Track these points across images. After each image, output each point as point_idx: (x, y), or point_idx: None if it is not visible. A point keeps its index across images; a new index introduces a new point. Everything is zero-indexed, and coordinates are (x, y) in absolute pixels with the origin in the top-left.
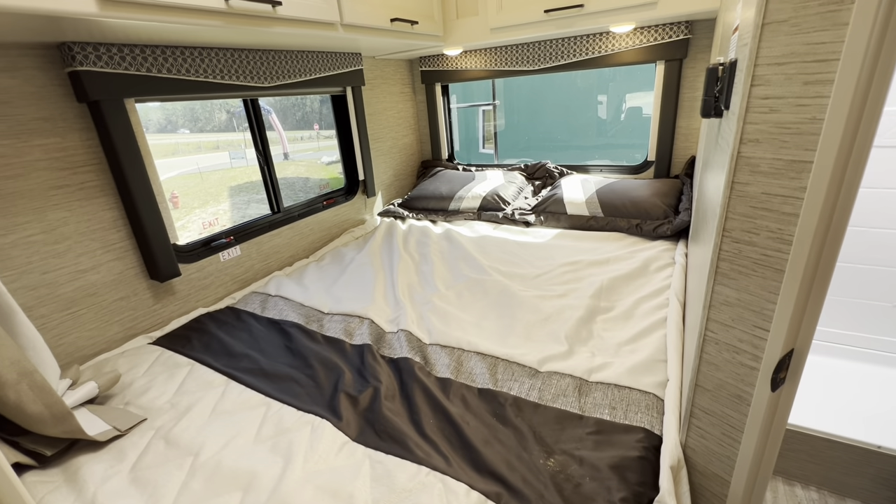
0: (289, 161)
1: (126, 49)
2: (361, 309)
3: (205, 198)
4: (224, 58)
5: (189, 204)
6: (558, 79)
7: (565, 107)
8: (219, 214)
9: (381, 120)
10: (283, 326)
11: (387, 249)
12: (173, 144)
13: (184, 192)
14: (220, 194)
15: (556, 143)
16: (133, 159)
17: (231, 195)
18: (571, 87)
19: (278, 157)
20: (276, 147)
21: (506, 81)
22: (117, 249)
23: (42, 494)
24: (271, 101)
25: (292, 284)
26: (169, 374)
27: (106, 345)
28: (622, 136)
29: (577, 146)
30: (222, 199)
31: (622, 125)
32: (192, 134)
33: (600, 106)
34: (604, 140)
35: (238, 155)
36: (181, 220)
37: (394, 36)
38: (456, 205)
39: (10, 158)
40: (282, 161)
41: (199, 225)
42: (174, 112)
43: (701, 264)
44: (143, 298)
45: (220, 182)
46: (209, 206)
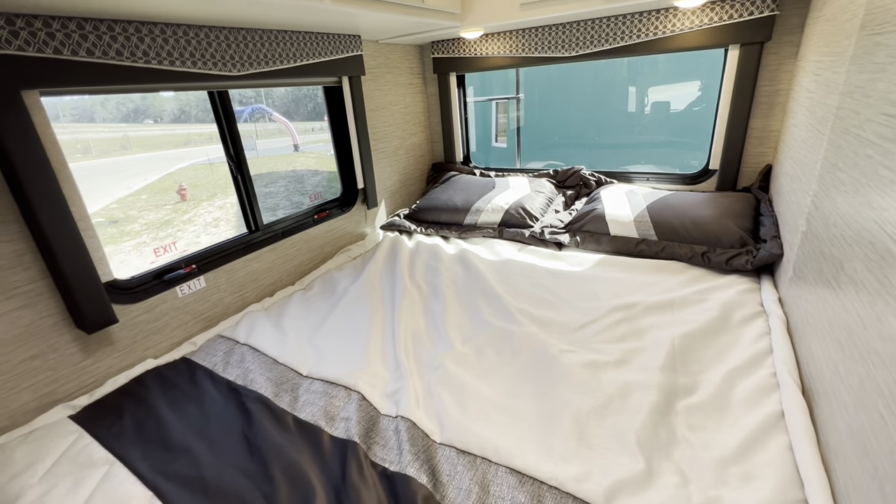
0: (299, 153)
1: (21, 21)
2: (349, 374)
3: (213, 189)
4: (175, 36)
5: (197, 196)
6: (581, 68)
7: (591, 100)
8: (225, 208)
9: (385, 116)
10: (245, 400)
11: (388, 276)
12: (185, 135)
13: (192, 184)
14: (229, 186)
15: (582, 142)
16: (39, 173)
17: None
18: (598, 78)
19: (289, 148)
20: (287, 139)
21: (525, 72)
22: (24, 294)
23: None
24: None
25: (268, 326)
26: (74, 481)
27: (10, 420)
28: (654, 133)
29: (608, 145)
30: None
31: (650, 121)
32: (205, 125)
33: (631, 99)
34: (636, 138)
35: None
36: (188, 214)
37: (398, 11)
38: (473, 219)
39: None
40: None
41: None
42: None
43: (849, 329)
44: (65, 354)
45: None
46: (217, 199)
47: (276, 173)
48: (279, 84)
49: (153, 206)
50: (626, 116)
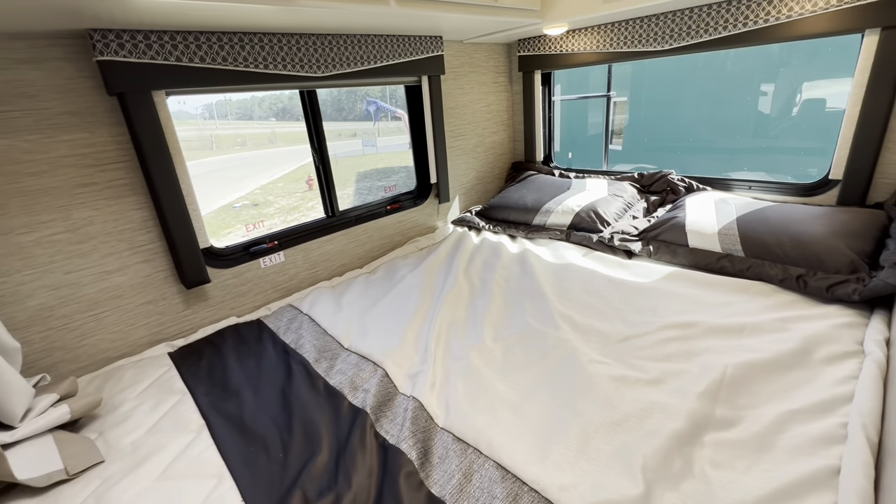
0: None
1: (154, 36)
2: (381, 352)
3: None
4: (269, 44)
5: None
6: (702, 63)
7: (712, 99)
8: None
9: (465, 114)
10: (291, 361)
11: (445, 269)
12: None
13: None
14: (349, 179)
15: (693, 145)
16: (160, 157)
17: (357, 180)
18: (720, 73)
19: (405, 145)
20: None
21: (630, 67)
22: (146, 251)
23: None
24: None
25: (329, 302)
26: (156, 402)
27: (129, 349)
28: (791, 138)
29: (724, 149)
30: (350, 184)
31: (793, 123)
32: (336, 122)
33: (764, 98)
34: (764, 142)
35: (370, 143)
36: (311, 202)
37: (469, 11)
38: (542, 219)
39: (35, 155)
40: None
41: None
42: (324, 102)
43: None
44: (172, 303)
45: (351, 168)
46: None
47: (391, 169)
48: (361, 84)
49: (286, 193)
50: (754, 118)
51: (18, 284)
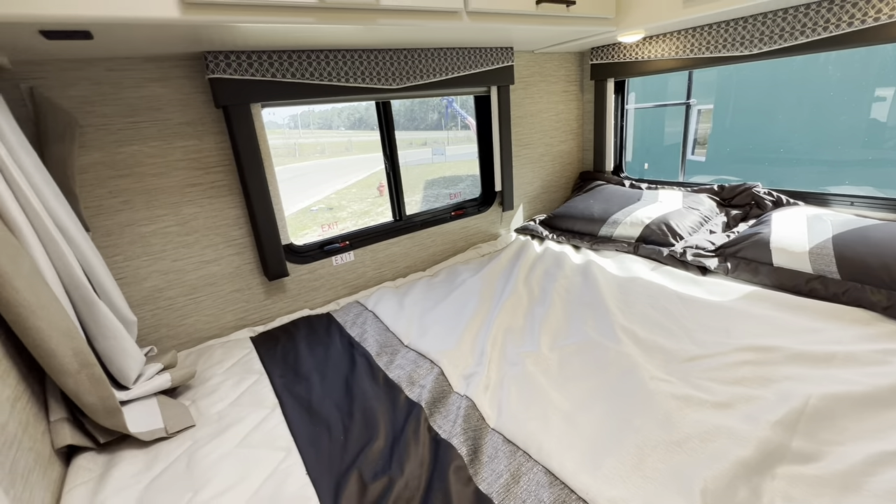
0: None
1: (254, 56)
2: (438, 351)
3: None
4: (351, 60)
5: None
6: (799, 66)
7: (812, 105)
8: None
9: (533, 123)
10: (355, 353)
11: (505, 276)
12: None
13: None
14: (417, 186)
15: (785, 156)
16: (253, 162)
17: (425, 187)
18: (822, 78)
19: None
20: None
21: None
22: (237, 245)
23: (75, 484)
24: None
25: (392, 301)
26: (239, 379)
27: (218, 331)
28: None
29: (823, 161)
30: (418, 190)
31: None
32: (408, 132)
33: (880, 103)
34: (875, 153)
35: (439, 152)
36: (381, 207)
37: (542, 22)
38: (608, 230)
39: (157, 158)
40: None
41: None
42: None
43: None
44: (255, 293)
45: (420, 175)
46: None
47: (458, 177)
48: (432, 94)
49: (358, 198)
50: (865, 126)
51: (138, 268)
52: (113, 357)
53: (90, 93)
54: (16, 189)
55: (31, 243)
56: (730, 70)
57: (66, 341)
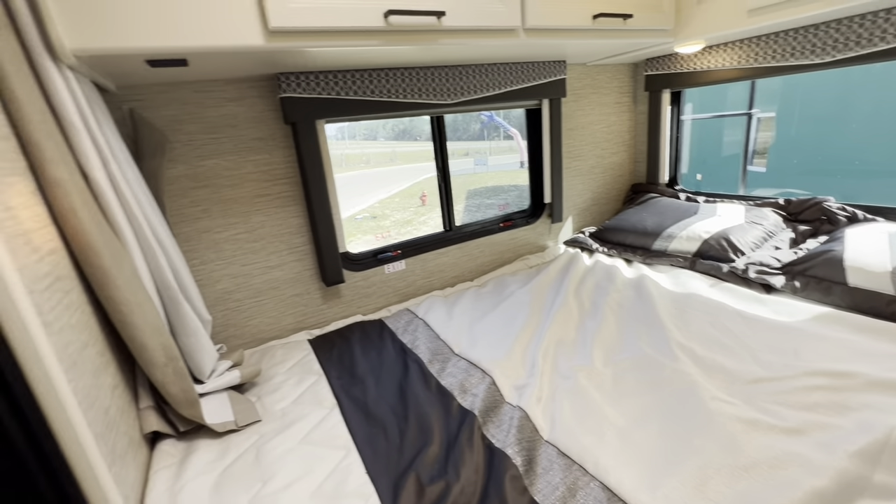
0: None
1: (321, 76)
2: (489, 361)
3: None
4: (409, 77)
5: (433, 202)
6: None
7: (893, 112)
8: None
9: (584, 135)
10: (407, 359)
11: (554, 289)
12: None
13: (432, 192)
14: (459, 196)
15: (861, 168)
16: (317, 174)
17: (468, 197)
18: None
19: (515, 164)
20: (516, 155)
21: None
22: (298, 252)
23: (159, 467)
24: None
25: (441, 309)
26: (300, 379)
27: (279, 332)
28: None
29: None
30: (460, 200)
31: None
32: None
33: None
34: None
35: (481, 162)
36: (424, 216)
37: (598, 36)
38: (663, 244)
39: (232, 171)
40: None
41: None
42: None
43: None
44: (313, 297)
45: (462, 185)
46: None
47: (500, 187)
48: (485, 108)
49: (401, 207)
50: None
51: (211, 271)
52: (192, 353)
53: (179, 112)
54: (122, 198)
55: (131, 246)
56: (796, 77)
57: (157, 337)
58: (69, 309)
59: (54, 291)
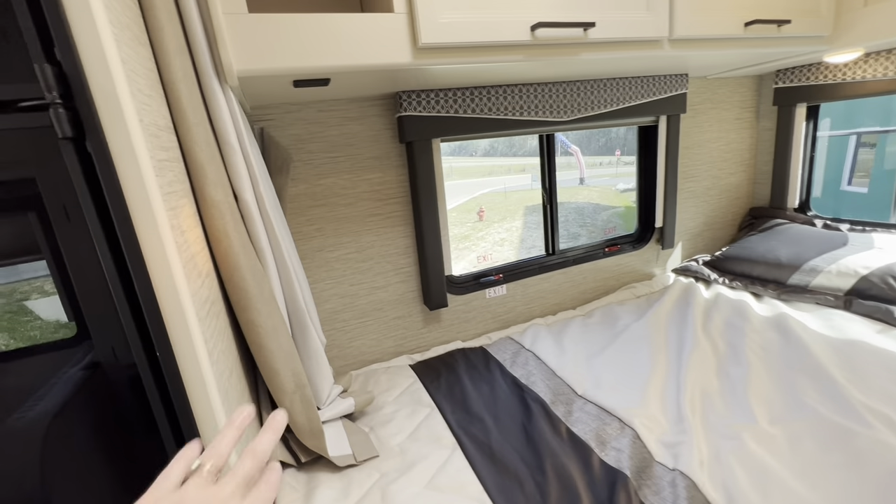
0: (583, 186)
1: (440, 93)
2: (624, 408)
3: (504, 213)
4: (524, 94)
5: (490, 218)
6: None
7: None
8: (511, 230)
9: (700, 154)
10: (526, 397)
11: (676, 323)
12: (489, 167)
13: (489, 208)
14: (517, 212)
15: None
16: (429, 194)
17: (525, 214)
18: None
19: (574, 181)
20: (574, 172)
21: None
22: (403, 273)
23: (285, 500)
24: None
25: (549, 340)
26: (411, 410)
27: (379, 355)
28: None
29: None
30: (518, 216)
31: None
32: (506, 158)
33: None
34: None
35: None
36: (482, 232)
37: (747, 45)
38: (804, 279)
39: (348, 190)
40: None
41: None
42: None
43: None
44: (414, 320)
45: (520, 201)
46: (506, 222)
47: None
48: (599, 126)
49: (458, 222)
50: None
51: (322, 291)
52: (312, 377)
53: (303, 132)
54: (266, 219)
55: (270, 268)
56: None
57: (288, 362)
58: (221, 334)
59: (212, 317)
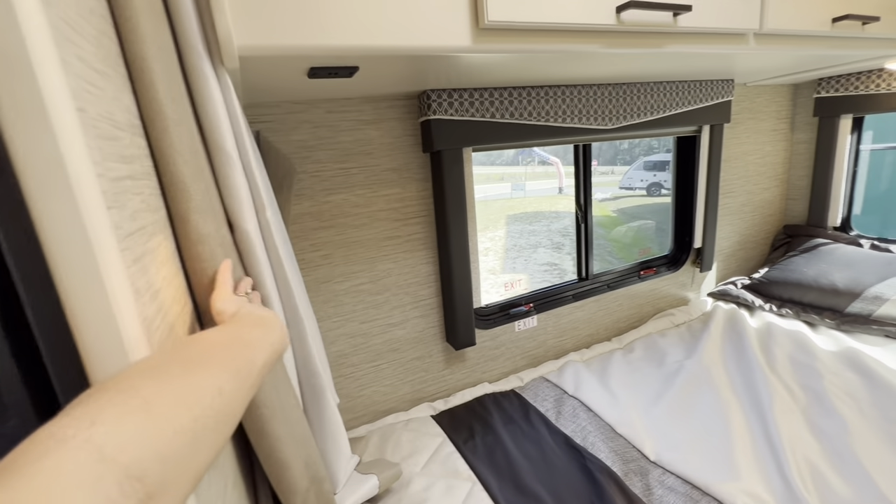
0: (562, 195)
1: (476, 94)
2: (717, 481)
3: (485, 223)
4: (566, 97)
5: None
6: None
7: None
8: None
9: (736, 167)
10: (589, 465)
11: (735, 359)
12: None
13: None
14: (499, 221)
15: None
16: (458, 213)
17: (507, 223)
18: None
19: (553, 189)
20: (553, 181)
21: None
22: (424, 306)
23: None
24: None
25: (594, 382)
26: (447, 485)
27: (395, 403)
28: None
29: None
30: (499, 225)
31: None
32: (483, 167)
33: None
34: None
35: (518, 187)
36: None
37: (828, 45)
38: (864, 308)
39: (361, 208)
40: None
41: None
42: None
43: None
44: (435, 361)
45: (500, 210)
46: (488, 231)
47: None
48: (641, 136)
49: None
50: None
51: (327, 331)
52: (328, 458)
53: (309, 137)
54: (272, 256)
55: None
56: None
57: (300, 450)
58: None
59: None
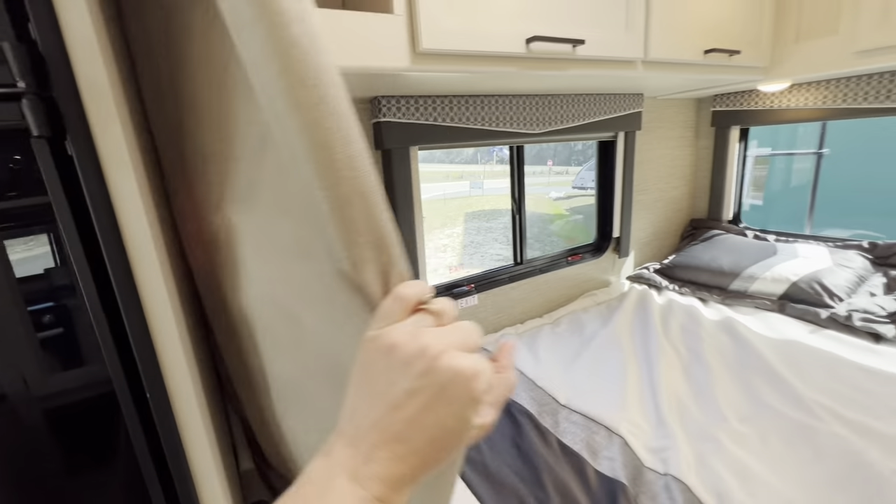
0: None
1: (421, 100)
2: (609, 415)
3: (444, 220)
4: (500, 105)
5: (431, 224)
6: None
7: None
8: (453, 237)
9: (649, 169)
10: (513, 411)
11: (640, 329)
12: (426, 173)
13: (428, 215)
14: (457, 218)
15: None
16: (407, 206)
17: (465, 220)
18: None
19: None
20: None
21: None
22: None
23: None
24: None
25: (524, 350)
26: None
27: None
28: None
29: None
30: (458, 223)
31: None
32: (443, 164)
33: None
34: None
35: (477, 185)
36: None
37: (702, 71)
38: (742, 285)
39: None
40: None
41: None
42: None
43: None
44: None
45: (459, 208)
46: (447, 228)
47: (497, 211)
48: (565, 139)
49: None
50: None
51: None
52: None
53: None
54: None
55: None
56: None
57: None
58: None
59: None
